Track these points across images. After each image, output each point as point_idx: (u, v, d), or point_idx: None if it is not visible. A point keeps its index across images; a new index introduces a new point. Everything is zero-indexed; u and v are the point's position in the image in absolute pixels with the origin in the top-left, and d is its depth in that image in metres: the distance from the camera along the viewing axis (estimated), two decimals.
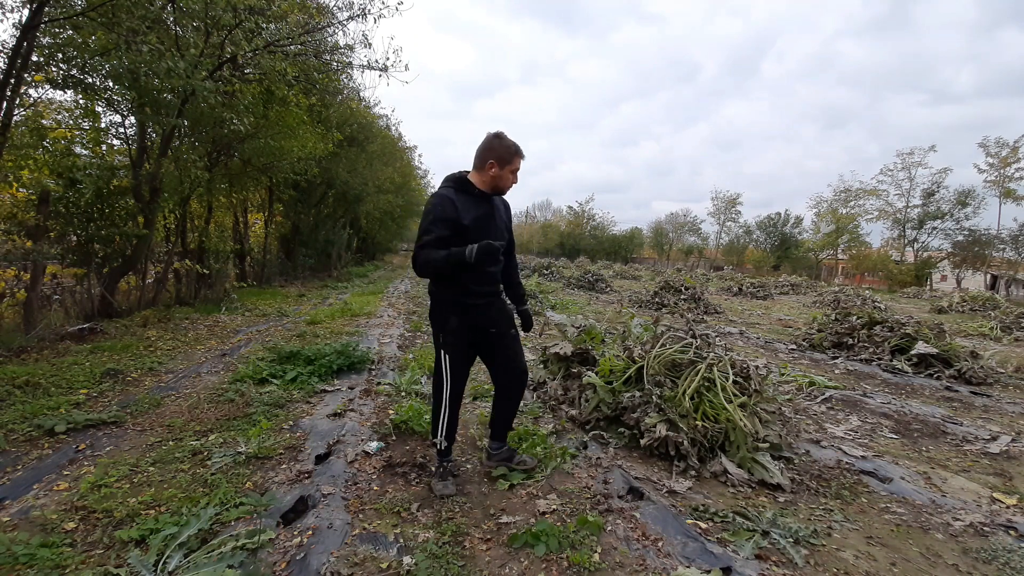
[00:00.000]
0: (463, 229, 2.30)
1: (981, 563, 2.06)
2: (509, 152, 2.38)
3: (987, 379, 5.36)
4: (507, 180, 2.43)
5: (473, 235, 2.31)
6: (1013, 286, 27.64)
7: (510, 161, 2.39)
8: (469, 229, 2.31)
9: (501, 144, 2.38)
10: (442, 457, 2.57)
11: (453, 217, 2.29)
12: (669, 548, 2.05)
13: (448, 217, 2.28)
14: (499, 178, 2.40)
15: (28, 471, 2.53)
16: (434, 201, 2.34)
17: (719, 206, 50.47)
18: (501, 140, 2.39)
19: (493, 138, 2.39)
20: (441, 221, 2.28)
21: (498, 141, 2.38)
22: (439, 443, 2.53)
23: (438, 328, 2.47)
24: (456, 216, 2.29)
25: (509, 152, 2.38)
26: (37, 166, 5.97)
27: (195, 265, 8.33)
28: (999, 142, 28.72)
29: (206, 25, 6.49)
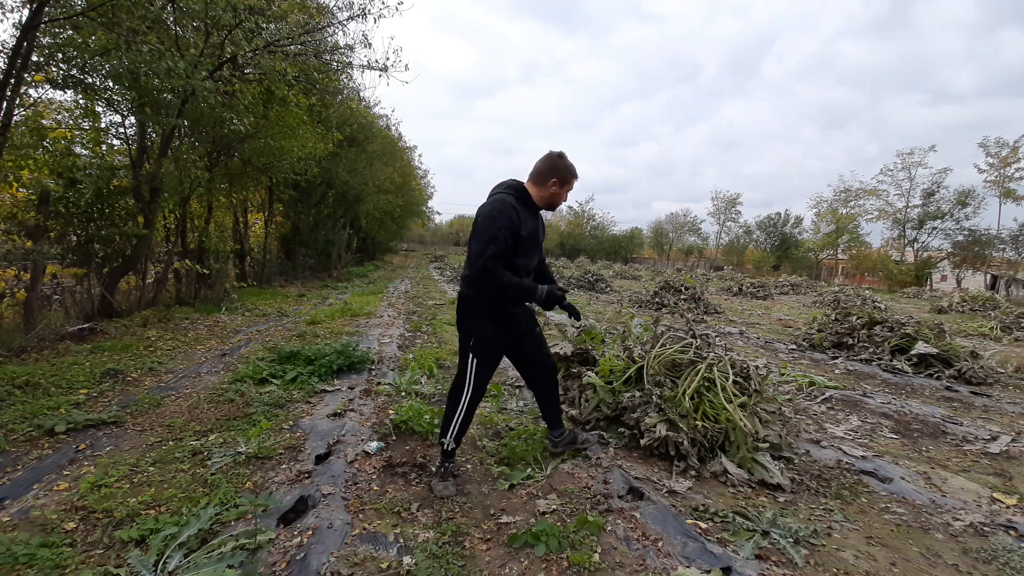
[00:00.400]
0: (519, 240, 2.35)
1: (981, 563, 2.06)
2: (570, 173, 2.48)
3: (987, 379, 5.36)
4: (562, 199, 2.52)
5: (525, 246, 2.39)
6: (1013, 286, 27.65)
7: (568, 182, 2.50)
8: (524, 240, 2.37)
9: (564, 164, 2.46)
10: (446, 458, 2.57)
11: (516, 227, 2.33)
12: (669, 548, 2.05)
13: (513, 227, 2.32)
14: (557, 196, 2.49)
15: (28, 471, 2.53)
16: (500, 208, 2.33)
17: (719, 206, 50.50)
18: (564, 161, 2.47)
19: (557, 158, 2.46)
20: (507, 229, 2.30)
21: (561, 161, 2.46)
22: (447, 444, 2.52)
23: (471, 333, 2.47)
24: (518, 227, 2.34)
25: (570, 173, 2.48)
26: (37, 166, 5.98)
27: (195, 265, 8.33)
28: (999, 142, 28.76)
29: (206, 25, 6.50)
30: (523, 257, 2.43)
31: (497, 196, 2.41)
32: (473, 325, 2.46)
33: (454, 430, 2.50)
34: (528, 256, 2.47)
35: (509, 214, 2.31)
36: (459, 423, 2.49)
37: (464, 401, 2.48)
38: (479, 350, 2.45)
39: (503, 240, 2.28)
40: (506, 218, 2.30)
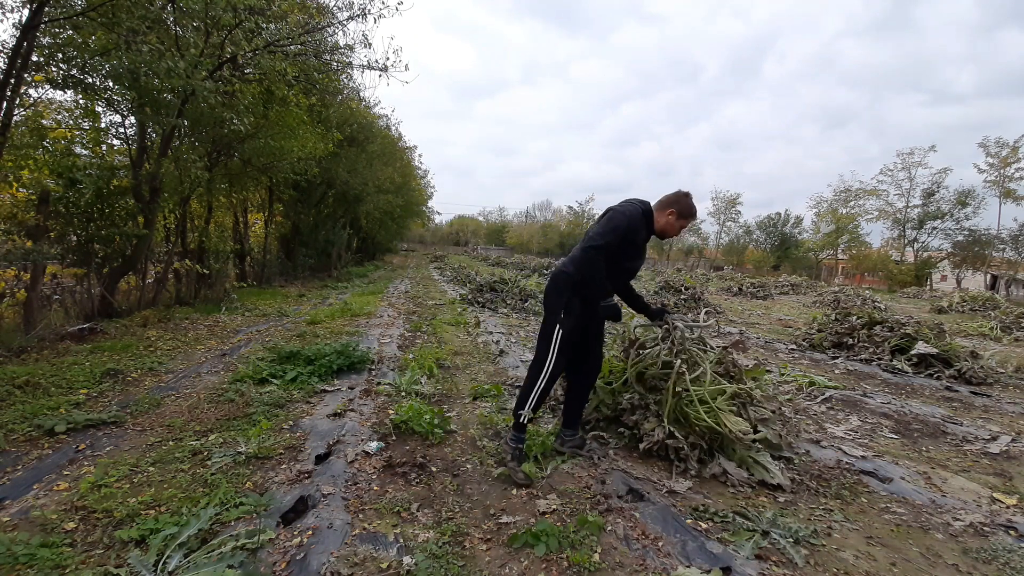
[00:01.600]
0: (632, 244, 2.63)
1: (981, 563, 2.06)
2: (689, 211, 2.70)
3: (987, 379, 5.36)
4: (674, 230, 2.72)
5: (633, 252, 2.68)
6: (1013, 286, 27.65)
7: (685, 217, 2.70)
8: (636, 247, 2.67)
9: (686, 201, 2.69)
10: (519, 432, 2.68)
11: (637, 233, 2.61)
12: (669, 548, 2.05)
13: (634, 233, 2.59)
14: (670, 226, 2.70)
15: (28, 471, 2.53)
16: (632, 212, 2.60)
17: (719, 206, 50.47)
18: (687, 199, 2.70)
19: (683, 195, 2.71)
20: (627, 234, 2.56)
21: (685, 199, 2.70)
22: (524, 416, 2.64)
23: (559, 306, 2.64)
24: (639, 234, 2.62)
25: (689, 211, 2.70)
26: (37, 166, 5.97)
27: (195, 265, 8.33)
28: (999, 142, 28.75)
29: (206, 25, 6.49)
30: (630, 261, 2.73)
31: (635, 204, 2.66)
32: (564, 300, 2.64)
33: (533, 400, 2.63)
34: (634, 262, 2.75)
35: (636, 219, 2.60)
36: (538, 394, 2.62)
37: (546, 372, 2.62)
38: (566, 324, 2.61)
39: (620, 235, 2.54)
40: (632, 224, 2.58)
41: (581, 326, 2.68)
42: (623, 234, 2.54)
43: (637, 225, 2.60)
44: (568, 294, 2.63)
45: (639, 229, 2.61)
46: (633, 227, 2.58)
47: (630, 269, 2.78)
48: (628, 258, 2.69)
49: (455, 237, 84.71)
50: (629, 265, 2.74)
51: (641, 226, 2.63)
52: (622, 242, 2.56)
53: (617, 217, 2.57)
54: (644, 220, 2.65)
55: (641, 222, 2.62)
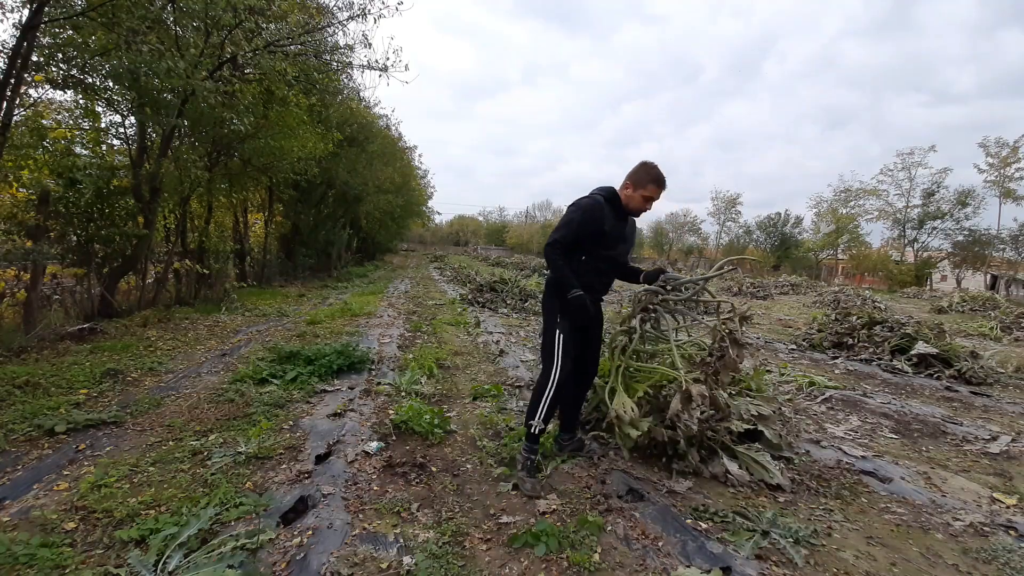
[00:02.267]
0: (601, 234, 2.55)
1: (981, 563, 2.06)
2: (644, 178, 2.58)
3: (987, 379, 5.36)
4: (636, 202, 2.60)
5: (608, 242, 2.59)
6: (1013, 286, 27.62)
7: (643, 186, 2.58)
8: (607, 236, 2.57)
9: (642, 169, 2.59)
10: (531, 443, 2.62)
11: (597, 223, 2.53)
12: (669, 548, 2.05)
13: (595, 222, 2.53)
14: (631, 200, 2.60)
15: (28, 471, 2.53)
16: (586, 204, 2.56)
17: (719, 206, 50.46)
18: (643, 166, 2.60)
19: (639, 166, 2.62)
20: (584, 225, 2.53)
21: (641, 167, 2.61)
22: (534, 426, 2.58)
23: (554, 310, 2.62)
24: (600, 222, 2.54)
25: (644, 178, 2.58)
26: (37, 166, 5.97)
27: (195, 265, 8.33)
28: (999, 142, 28.70)
29: (206, 25, 6.49)
30: (608, 250, 2.62)
31: (593, 194, 2.63)
32: (557, 304, 2.60)
33: (542, 410, 2.55)
34: (613, 250, 2.65)
35: (591, 212, 2.53)
36: (547, 403, 2.55)
37: (553, 379, 2.54)
38: (561, 326, 2.58)
39: (573, 230, 2.52)
40: (585, 213, 2.53)
41: (578, 327, 2.62)
42: (578, 227, 2.52)
43: (597, 215, 2.53)
44: (558, 298, 2.59)
45: (601, 217, 2.53)
46: (590, 218, 2.52)
47: (612, 257, 2.67)
48: (604, 247, 2.60)
49: (455, 237, 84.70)
50: (608, 254, 2.65)
51: (604, 213, 2.55)
52: (585, 234, 2.53)
53: (570, 211, 2.57)
54: (608, 206, 2.58)
55: (602, 210, 2.55)
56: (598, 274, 2.65)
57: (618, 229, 2.63)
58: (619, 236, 2.65)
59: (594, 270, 2.62)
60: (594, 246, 2.57)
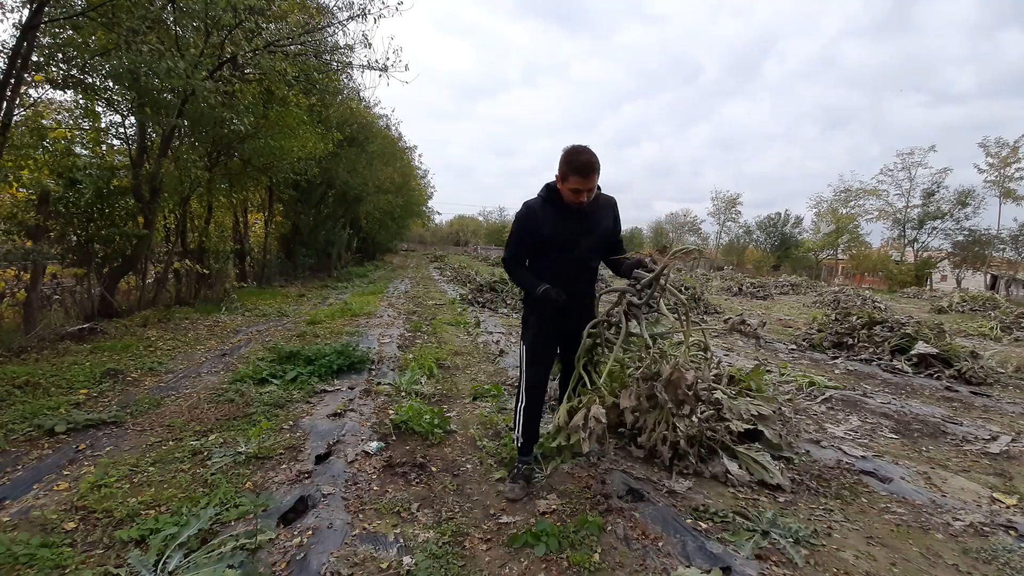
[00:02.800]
0: (544, 239, 2.37)
1: (981, 563, 2.06)
2: (564, 169, 2.25)
3: (987, 379, 5.36)
4: (566, 195, 2.29)
5: (555, 244, 2.38)
6: (1013, 286, 27.62)
7: (565, 179, 2.26)
8: (549, 239, 2.36)
9: (563, 157, 2.27)
10: (519, 455, 2.62)
11: (534, 229, 2.37)
12: (669, 548, 2.05)
13: (534, 227, 2.37)
14: (564, 192, 2.30)
15: (28, 471, 2.53)
16: (521, 213, 2.42)
17: (719, 206, 50.50)
18: (564, 154, 2.27)
19: (563, 152, 2.29)
20: (525, 234, 2.40)
21: (563, 155, 2.28)
22: (515, 440, 2.61)
23: (522, 321, 2.62)
24: (537, 227, 2.36)
25: (564, 169, 2.25)
26: (37, 166, 5.97)
27: (195, 265, 8.33)
28: (999, 142, 28.71)
29: (206, 25, 6.49)
30: (564, 252, 2.39)
31: (527, 201, 2.44)
32: (524, 315, 2.61)
33: (518, 424, 2.56)
34: (570, 251, 2.39)
35: (524, 220, 2.40)
36: (521, 415, 2.54)
37: (520, 394, 2.54)
38: (524, 338, 2.55)
39: (516, 240, 2.44)
40: (519, 224, 2.42)
41: (546, 334, 2.50)
42: (518, 239, 2.41)
43: (531, 221, 2.35)
44: (526, 307, 2.56)
45: (539, 220, 2.34)
46: (527, 226, 2.36)
47: (575, 256, 2.41)
48: (558, 249, 2.38)
49: (455, 237, 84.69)
50: (568, 255, 2.39)
51: (541, 216, 2.34)
52: (530, 241, 2.39)
53: (511, 225, 2.46)
54: (544, 206, 2.36)
55: (536, 214, 2.35)
56: (558, 277, 2.37)
57: (567, 227, 2.36)
58: (572, 234, 2.37)
59: (557, 274, 2.38)
60: (547, 250, 2.40)
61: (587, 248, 2.42)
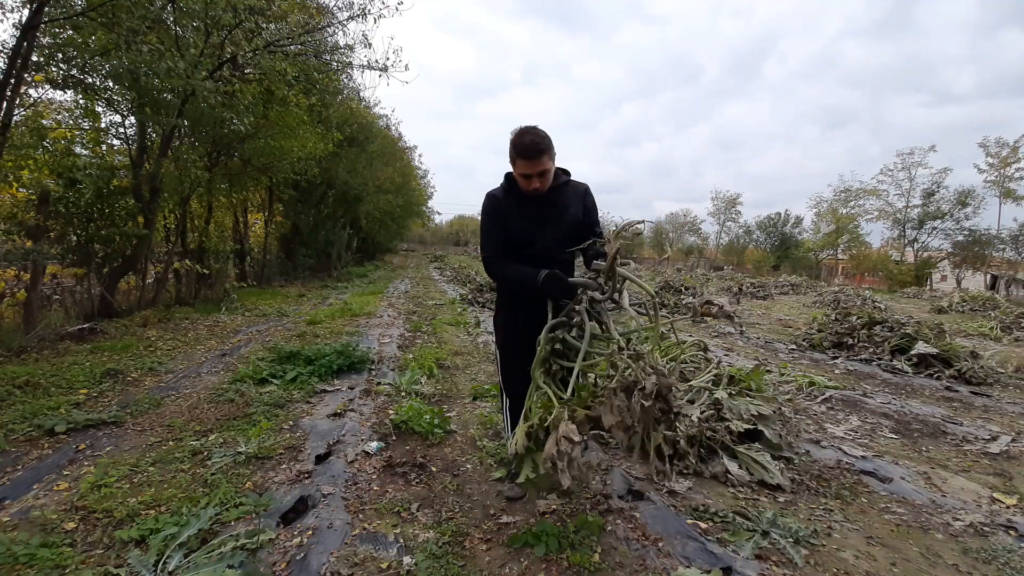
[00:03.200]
0: (513, 228, 2.24)
1: (981, 563, 2.06)
2: (512, 153, 2.11)
3: (987, 379, 5.36)
4: (520, 183, 2.16)
5: (516, 238, 2.24)
6: (1013, 286, 27.62)
7: (513, 163, 2.13)
8: (512, 230, 2.24)
9: (510, 142, 2.11)
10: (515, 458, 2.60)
11: (499, 220, 2.25)
12: (669, 548, 2.05)
13: (497, 218, 2.25)
14: (518, 179, 2.16)
15: (28, 471, 2.53)
16: (484, 207, 2.28)
17: (719, 206, 50.49)
18: (512, 137, 2.11)
19: (511, 137, 2.11)
20: (493, 226, 2.26)
21: (511, 140, 2.11)
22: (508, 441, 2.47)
23: (493, 324, 2.57)
24: (502, 218, 2.24)
25: (512, 153, 2.11)
26: (37, 166, 5.97)
27: (195, 265, 8.34)
28: (999, 142, 28.70)
29: (206, 25, 6.49)
30: (527, 246, 2.24)
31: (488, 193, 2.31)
32: (494, 317, 2.56)
33: (508, 426, 2.53)
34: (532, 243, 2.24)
35: (487, 212, 2.27)
36: (508, 416, 2.52)
37: (502, 396, 2.53)
38: (497, 338, 2.49)
39: (491, 234, 2.27)
40: (487, 215, 2.28)
41: (516, 336, 2.36)
42: (488, 230, 2.27)
43: (494, 210, 2.24)
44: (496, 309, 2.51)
45: (501, 210, 2.23)
46: (492, 219, 2.25)
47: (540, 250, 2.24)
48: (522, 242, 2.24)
49: (455, 237, 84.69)
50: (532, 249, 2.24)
51: (503, 206, 2.23)
52: (498, 232, 2.25)
53: (481, 224, 2.32)
54: (506, 196, 2.24)
55: (499, 201, 2.24)
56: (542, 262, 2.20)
57: (529, 218, 2.22)
58: (535, 225, 2.22)
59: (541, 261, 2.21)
60: (516, 242, 2.26)
61: (552, 240, 2.24)
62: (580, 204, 2.30)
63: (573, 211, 2.27)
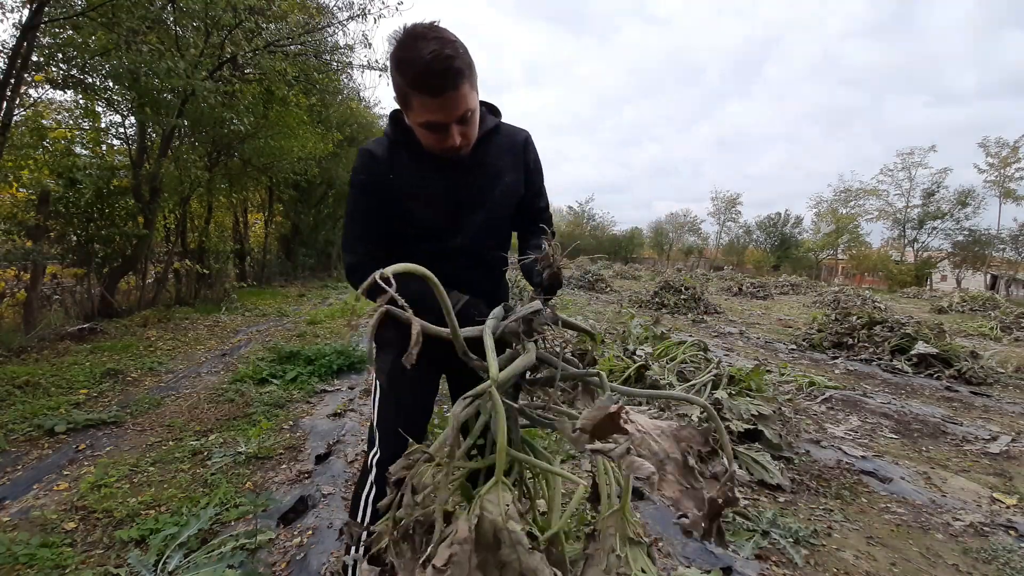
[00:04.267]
0: (399, 215, 1.29)
1: (981, 563, 2.06)
2: (400, 82, 1.12)
3: (987, 379, 5.36)
4: (424, 140, 1.22)
5: (423, 224, 1.31)
6: (1013, 286, 27.65)
7: (407, 104, 1.16)
8: (410, 215, 1.29)
9: (395, 59, 1.11)
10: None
11: (383, 194, 1.27)
12: (669, 548, 2.05)
13: (377, 199, 1.28)
14: (416, 130, 1.22)
15: (28, 471, 2.53)
16: (355, 171, 1.31)
17: (719, 206, 50.55)
18: (395, 50, 1.10)
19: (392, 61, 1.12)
20: (366, 217, 1.30)
21: (393, 50, 1.11)
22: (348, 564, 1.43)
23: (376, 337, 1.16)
24: (384, 192, 1.27)
25: (400, 82, 1.12)
26: (37, 166, 5.98)
27: (195, 265, 8.34)
28: (999, 142, 28.77)
29: (206, 25, 6.50)
30: (435, 240, 1.32)
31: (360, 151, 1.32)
32: (377, 340, 1.25)
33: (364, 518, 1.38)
34: (443, 237, 1.32)
35: (366, 173, 1.28)
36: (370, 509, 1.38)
37: (369, 467, 1.41)
38: (378, 363, 1.41)
39: (361, 222, 1.30)
40: (360, 187, 1.29)
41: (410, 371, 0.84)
42: (358, 214, 1.31)
43: (373, 179, 1.28)
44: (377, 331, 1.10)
45: (385, 180, 1.27)
46: (367, 195, 1.29)
47: (458, 245, 1.33)
48: (426, 233, 1.32)
49: None
50: (444, 244, 1.33)
51: (389, 171, 1.27)
52: (378, 218, 1.29)
53: (347, 202, 1.34)
54: (389, 153, 1.28)
55: (380, 164, 1.27)
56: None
57: (439, 190, 1.29)
58: (450, 200, 1.30)
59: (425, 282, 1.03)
60: (403, 236, 1.32)
61: (478, 228, 1.35)
62: (520, 166, 1.40)
63: (510, 178, 1.37)
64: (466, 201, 1.33)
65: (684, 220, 56.87)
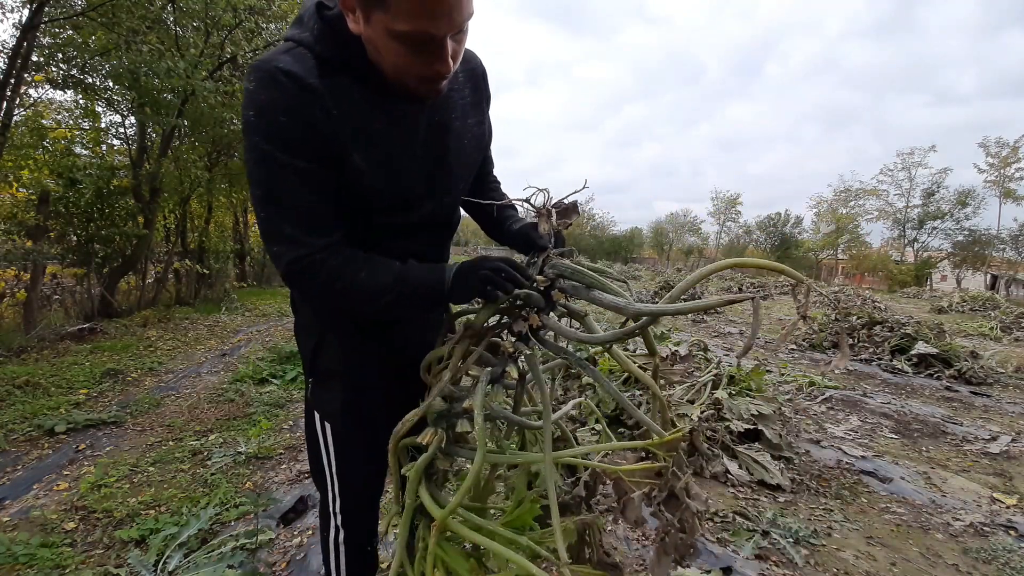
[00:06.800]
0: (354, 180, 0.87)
1: (981, 563, 2.06)
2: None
3: (987, 379, 5.36)
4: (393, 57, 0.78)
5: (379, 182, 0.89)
6: (1013, 286, 27.65)
7: (384, 4, 0.71)
8: (356, 162, 0.85)
9: None
10: None
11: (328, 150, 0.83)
12: None
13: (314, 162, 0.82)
14: (380, 57, 0.79)
15: (28, 471, 2.53)
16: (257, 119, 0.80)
17: (719, 206, 50.54)
18: None
19: None
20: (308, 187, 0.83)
21: None
22: None
23: (307, 371, 1.11)
24: (328, 146, 0.83)
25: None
26: (37, 166, 5.99)
27: (195, 265, 8.34)
28: (999, 142, 28.74)
29: (206, 25, 6.50)
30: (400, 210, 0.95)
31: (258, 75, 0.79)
32: (310, 358, 1.08)
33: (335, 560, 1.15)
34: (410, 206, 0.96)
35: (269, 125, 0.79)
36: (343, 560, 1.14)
37: (332, 516, 1.12)
38: (323, 406, 1.07)
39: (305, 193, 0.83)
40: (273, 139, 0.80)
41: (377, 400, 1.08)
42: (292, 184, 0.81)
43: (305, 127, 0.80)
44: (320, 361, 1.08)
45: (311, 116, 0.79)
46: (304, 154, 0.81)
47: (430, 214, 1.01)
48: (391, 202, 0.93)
49: (456, 237, 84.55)
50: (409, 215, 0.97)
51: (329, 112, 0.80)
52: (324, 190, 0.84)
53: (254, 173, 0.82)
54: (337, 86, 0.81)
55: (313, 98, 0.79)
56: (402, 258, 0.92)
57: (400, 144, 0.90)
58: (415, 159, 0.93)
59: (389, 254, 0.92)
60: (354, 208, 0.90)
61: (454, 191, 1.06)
62: (483, 105, 1.06)
63: (477, 122, 1.04)
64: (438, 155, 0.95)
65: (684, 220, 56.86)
